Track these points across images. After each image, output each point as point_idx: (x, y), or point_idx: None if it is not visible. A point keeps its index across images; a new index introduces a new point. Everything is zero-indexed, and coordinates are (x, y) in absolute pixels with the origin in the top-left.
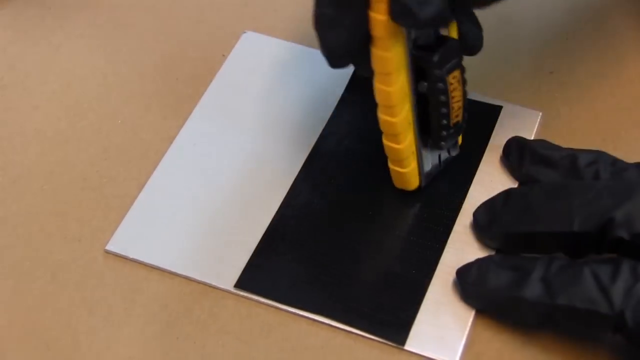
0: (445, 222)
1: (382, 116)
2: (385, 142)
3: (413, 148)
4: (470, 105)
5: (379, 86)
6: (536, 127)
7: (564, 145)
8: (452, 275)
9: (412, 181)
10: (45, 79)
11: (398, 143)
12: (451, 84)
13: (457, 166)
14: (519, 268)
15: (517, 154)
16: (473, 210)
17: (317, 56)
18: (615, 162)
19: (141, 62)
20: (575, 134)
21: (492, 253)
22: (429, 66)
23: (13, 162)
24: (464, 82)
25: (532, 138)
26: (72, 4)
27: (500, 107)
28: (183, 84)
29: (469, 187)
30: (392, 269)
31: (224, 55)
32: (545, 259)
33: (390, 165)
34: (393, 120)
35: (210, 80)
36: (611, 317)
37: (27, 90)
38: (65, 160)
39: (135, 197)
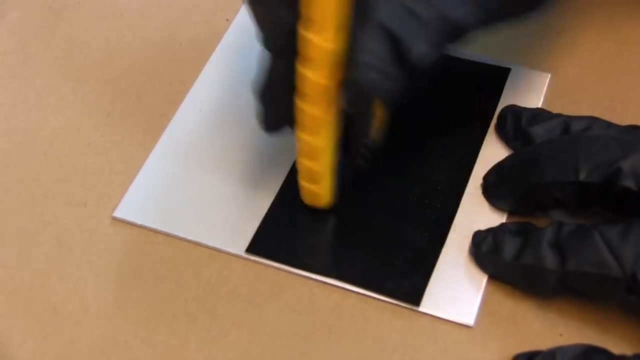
0: (457, 184)
1: (303, 136)
2: (301, 160)
3: (332, 165)
4: (479, 68)
5: (303, 107)
6: (545, 89)
7: (573, 105)
8: (465, 237)
9: (326, 199)
10: (46, 45)
11: (315, 161)
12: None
13: (468, 129)
14: (531, 236)
15: (511, 123)
16: (484, 172)
17: None
18: (609, 126)
19: (144, 27)
20: (584, 95)
21: (504, 215)
22: None
23: (15, 128)
24: None
25: (541, 99)
26: None
27: (508, 69)
28: (187, 49)
29: (480, 149)
30: (404, 231)
31: (227, 20)
32: (556, 224)
33: (302, 182)
34: (316, 143)
35: (214, 45)
36: (622, 279)
37: (28, 57)
38: (68, 125)
39: (140, 162)
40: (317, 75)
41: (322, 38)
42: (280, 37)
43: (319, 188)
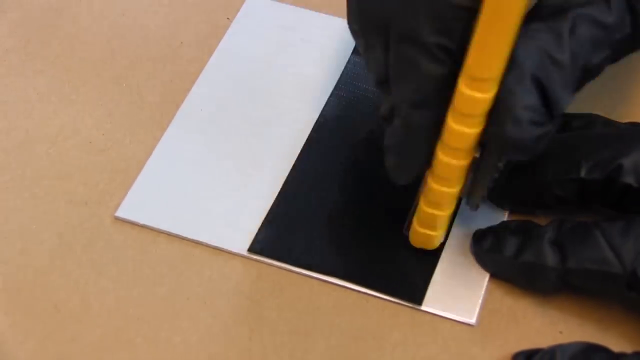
0: None
1: (436, 186)
2: (425, 208)
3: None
4: None
5: (447, 160)
6: None
7: (573, 104)
8: (466, 236)
9: (439, 242)
10: (47, 44)
11: (443, 211)
12: None
13: None
14: (531, 234)
15: None
16: None
17: (322, 20)
18: (609, 123)
19: (145, 26)
20: (584, 93)
21: (505, 213)
22: None
23: (17, 126)
24: None
25: None
26: None
27: None
28: (188, 48)
29: None
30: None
31: (228, 19)
32: (556, 222)
33: (419, 228)
34: (450, 192)
35: (215, 44)
36: (623, 276)
37: (29, 55)
38: (70, 124)
39: (141, 160)
40: (472, 130)
41: (486, 93)
42: (427, 91)
43: (437, 233)
